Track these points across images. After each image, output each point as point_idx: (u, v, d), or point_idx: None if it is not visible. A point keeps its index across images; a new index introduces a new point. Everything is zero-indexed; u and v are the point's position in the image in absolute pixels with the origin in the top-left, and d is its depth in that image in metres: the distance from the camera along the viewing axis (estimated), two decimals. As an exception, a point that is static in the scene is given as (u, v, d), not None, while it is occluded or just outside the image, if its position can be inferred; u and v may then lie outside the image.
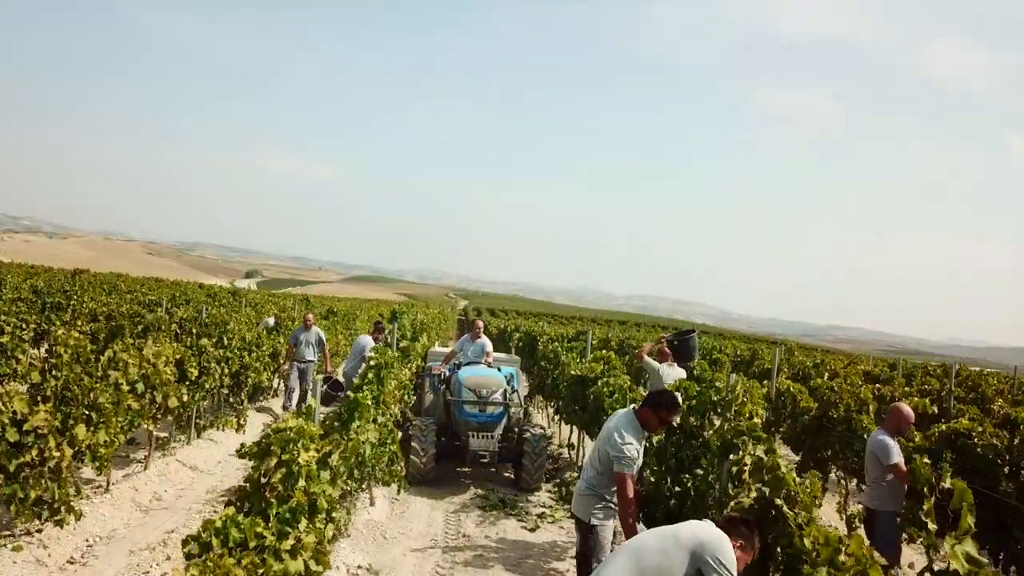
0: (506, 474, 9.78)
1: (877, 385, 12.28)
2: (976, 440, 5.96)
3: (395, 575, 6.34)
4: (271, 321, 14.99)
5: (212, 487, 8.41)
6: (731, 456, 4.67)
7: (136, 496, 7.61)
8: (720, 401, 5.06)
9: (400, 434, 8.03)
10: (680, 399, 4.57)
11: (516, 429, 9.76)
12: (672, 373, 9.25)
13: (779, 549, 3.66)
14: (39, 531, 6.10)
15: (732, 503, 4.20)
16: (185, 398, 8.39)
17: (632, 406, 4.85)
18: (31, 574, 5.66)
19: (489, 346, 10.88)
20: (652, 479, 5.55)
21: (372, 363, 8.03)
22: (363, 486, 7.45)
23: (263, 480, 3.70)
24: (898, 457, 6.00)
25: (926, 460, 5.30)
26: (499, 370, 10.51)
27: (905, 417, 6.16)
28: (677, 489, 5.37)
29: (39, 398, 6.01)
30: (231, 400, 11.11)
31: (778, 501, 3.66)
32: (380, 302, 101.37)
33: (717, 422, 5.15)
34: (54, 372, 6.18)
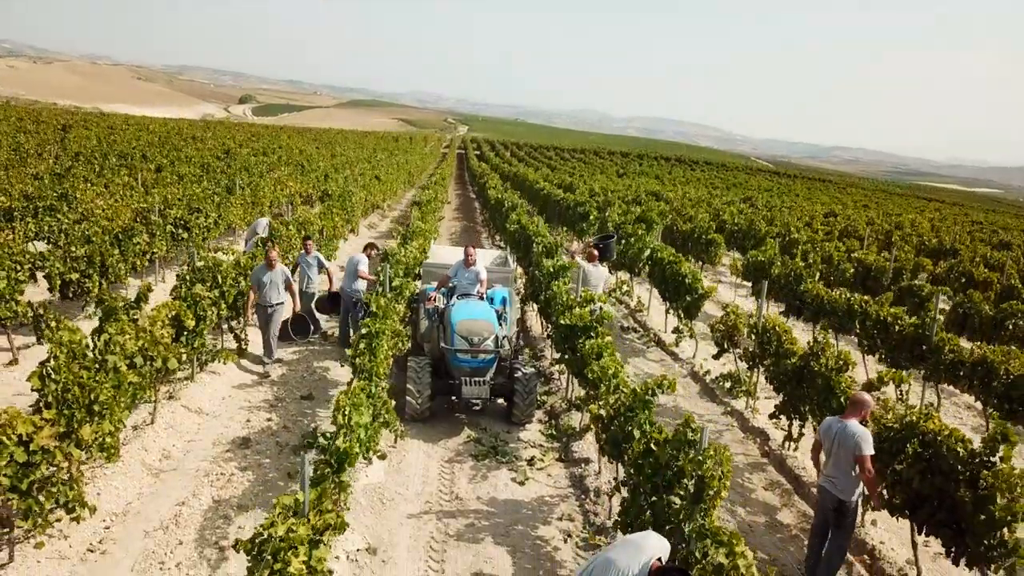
0: (500, 401, 10.13)
1: (865, 299, 12.48)
2: (942, 441, 6.23)
3: (392, 552, 6.84)
4: (264, 223, 14.91)
5: (218, 436, 8.81)
6: (700, 503, 4.96)
7: (146, 457, 8.03)
8: (695, 440, 5.30)
9: (393, 402, 8.27)
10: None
11: (508, 362, 10.05)
12: (595, 272, 12.10)
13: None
14: (57, 520, 6.50)
15: (698, 568, 4.52)
16: (184, 356, 8.63)
17: (654, 561, 4.30)
18: (54, 570, 6.14)
19: (483, 274, 10.89)
20: (628, 495, 5.90)
21: (363, 331, 8.19)
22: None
23: (259, 587, 3.98)
24: (872, 450, 6.34)
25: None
26: (491, 300, 10.65)
27: (868, 405, 6.52)
28: (654, 499, 5.71)
29: (41, 404, 6.27)
30: (231, 324, 11.35)
31: (736, 607, 3.95)
32: (378, 135, 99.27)
33: (692, 453, 5.41)
34: (53, 377, 6.37)
